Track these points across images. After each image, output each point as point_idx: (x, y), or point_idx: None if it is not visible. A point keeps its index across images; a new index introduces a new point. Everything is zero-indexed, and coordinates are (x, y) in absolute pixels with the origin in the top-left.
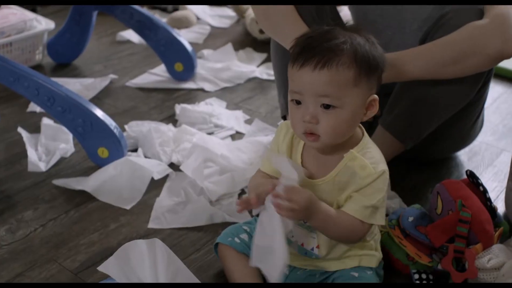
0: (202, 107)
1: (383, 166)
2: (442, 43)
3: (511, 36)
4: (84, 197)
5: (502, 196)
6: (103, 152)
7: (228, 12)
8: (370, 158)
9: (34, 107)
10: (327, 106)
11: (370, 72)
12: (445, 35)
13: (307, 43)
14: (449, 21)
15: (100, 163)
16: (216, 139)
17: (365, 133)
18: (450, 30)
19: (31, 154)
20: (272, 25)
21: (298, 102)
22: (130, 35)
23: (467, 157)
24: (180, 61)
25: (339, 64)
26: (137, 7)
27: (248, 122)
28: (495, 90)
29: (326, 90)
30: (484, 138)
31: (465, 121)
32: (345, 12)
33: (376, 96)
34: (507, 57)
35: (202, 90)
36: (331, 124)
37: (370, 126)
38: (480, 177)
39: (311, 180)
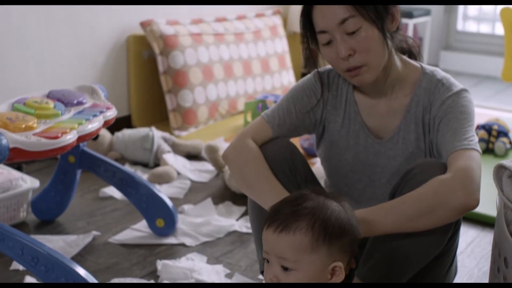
0: (183, 262)
1: None
2: (410, 199)
3: (473, 189)
4: None
5: None
6: None
7: (207, 166)
8: None
9: (17, 265)
10: (285, 268)
11: (330, 239)
12: (412, 190)
13: (278, 206)
14: (415, 176)
15: None
16: None
17: None
18: (417, 185)
19: None
20: (247, 184)
21: (267, 261)
22: (113, 191)
23: None
24: (161, 217)
25: (297, 230)
26: (119, 165)
27: (229, 276)
28: (469, 235)
29: (283, 253)
30: (460, 282)
31: (438, 270)
32: (317, 165)
33: (340, 263)
34: (471, 209)
35: (183, 245)
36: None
37: (347, 277)
38: None
39: None
